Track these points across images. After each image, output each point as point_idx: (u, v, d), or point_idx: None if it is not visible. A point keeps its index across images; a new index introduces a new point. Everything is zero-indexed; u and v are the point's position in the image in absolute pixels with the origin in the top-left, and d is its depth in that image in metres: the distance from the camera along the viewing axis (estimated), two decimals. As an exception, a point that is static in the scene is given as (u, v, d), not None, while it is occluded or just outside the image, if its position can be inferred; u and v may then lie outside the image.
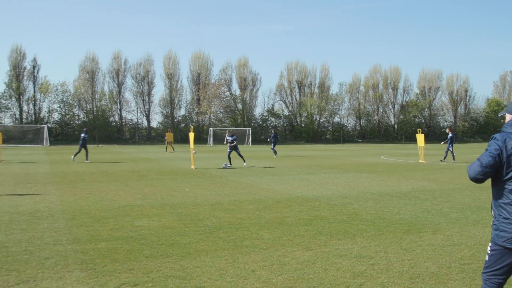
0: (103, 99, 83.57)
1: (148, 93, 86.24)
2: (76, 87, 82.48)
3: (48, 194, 13.76)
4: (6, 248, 7.41)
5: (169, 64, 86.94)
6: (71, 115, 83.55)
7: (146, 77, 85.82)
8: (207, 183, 16.93)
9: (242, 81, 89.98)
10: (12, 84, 79.22)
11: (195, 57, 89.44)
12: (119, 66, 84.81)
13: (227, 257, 6.94)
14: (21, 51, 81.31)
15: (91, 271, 6.26)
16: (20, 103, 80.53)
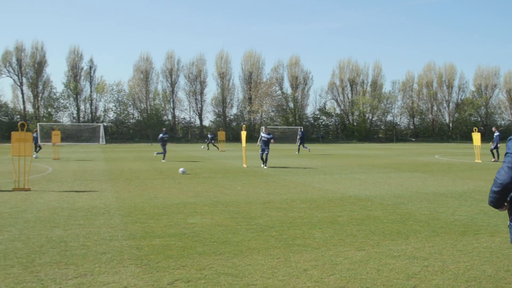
0: (156, 98, 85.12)
1: (201, 92, 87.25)
2: (130, 87, 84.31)
3: (104, 191, 14.11)
4: (65, 243, 7.65)
5: (221, 63, 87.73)
6: (126, 114, 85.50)
7: (199, 77, 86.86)
8: (258, 181, 17.00)
9: (294, 80, 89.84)
10: (70, 84, 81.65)
11: (246, 56, 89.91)
12: (172, 66, 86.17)
13: (279, 256, 6.95)
14: (78, 52, 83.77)
15: (146, 266, 6.39)
16: (78, 102, 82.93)
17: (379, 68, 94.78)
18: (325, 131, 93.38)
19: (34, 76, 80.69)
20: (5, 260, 6.65)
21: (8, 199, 12.36)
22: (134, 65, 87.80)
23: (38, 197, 12.79)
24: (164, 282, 5.75)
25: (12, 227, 8.90)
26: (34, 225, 9.11)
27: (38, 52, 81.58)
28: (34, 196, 13.06)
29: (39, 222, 9.35)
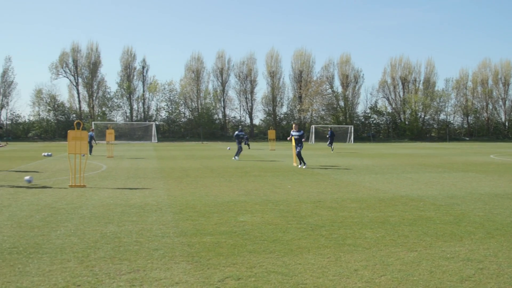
0: (207, 97, 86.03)
1: (251, 91, 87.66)
2: (182, 86, 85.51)
3: (156, 189, 14.35)
4: (119, 239, 7.83)
5: (271, 62, 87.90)
6: (177, 113, 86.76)
7: (249, 75, 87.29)
8: (309, 180, 16.95)
9: (344, 78, 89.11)
10: (124, 84, 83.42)
11: (297, 54, 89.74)
12: (223, 65, 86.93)
13: (329, 255, 6.92)
14: (131, 53, 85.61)
15: (197, 263, 6.47)
16: (131, 101, 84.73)
17: (431, 66, 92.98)
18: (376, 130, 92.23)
19: (89, 76, 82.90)
20: (62, 254, 6.86)
21: (65, 196, 12.74)
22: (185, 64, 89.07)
23: (93, 194, 13.13)
24: (215, 279, 5.82)
25: (69, 222, 9.18)
26: (89, 221, 9.36)
27: (93, 53, 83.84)
28: (89, 193, 13.42)
29: (94, 218, 9.60)
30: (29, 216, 9.76)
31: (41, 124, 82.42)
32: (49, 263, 6.44)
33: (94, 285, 5.59)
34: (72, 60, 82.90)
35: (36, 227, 8.75)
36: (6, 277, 5.84)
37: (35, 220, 9.40)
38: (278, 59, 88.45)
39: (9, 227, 8.70)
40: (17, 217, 9.71)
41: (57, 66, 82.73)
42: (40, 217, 9.66)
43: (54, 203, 11.45)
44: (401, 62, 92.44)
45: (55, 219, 9.52)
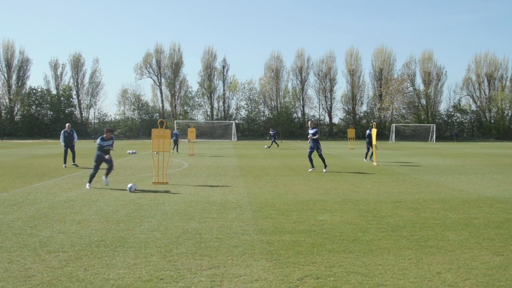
0: (286, 96, 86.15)
1: (330, 89, 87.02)
2: (261, 85, 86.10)
3: (236, 186, 14.55)
4: (200, 235, 8.01)
5: (351, 60, 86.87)
6: (256, 112, 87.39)
7: (328, 74, 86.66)
8: (389, 180, 16.65)
9: (426, 76, 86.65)
10: (204, 83, 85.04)
11: (377, 52, 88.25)
12: (302, 64, 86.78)
13: (411, 257, 6.78)
14: (212, 53, 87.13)
15: (276, 261, 6.52)
16: (211, 101, 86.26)
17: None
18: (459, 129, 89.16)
19: (171, 76, 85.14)
20: (145, 248, 7.11)
21: (149, 192, 13.16)
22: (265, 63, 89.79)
23: (175, 191, 13.49)
24: (294, 278, 5.84)
25: (152, 218, 9.48)
26: (171, 217, 9.63)
27: (175, 53, 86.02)
28: (172, 189, 13.79)
29: (176, 214, 9.87)
30: (115, 211, 10.17)
31: (126, 122, 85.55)
32: (134, 256, 6.69)
33: (176, 279, 5.75)
34: (156, 60, 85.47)
35: (122, 221, 9.11)
36: (94, 269, 6.12)
37: (120, 215, 9.79)
38: (358, 57, 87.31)
39: (97, 221, 9.11)
40: (104, 212, 10.14)
41: (142, 67, 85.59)
42: (125, 212, 10.04)
43: (139, 199, 11.86)
44: (487, 58, 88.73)
45: (139, 214, 9.87)
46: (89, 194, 12.67)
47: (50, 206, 10.83)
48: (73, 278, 5.77)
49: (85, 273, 5.97)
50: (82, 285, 5.52)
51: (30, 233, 8.11)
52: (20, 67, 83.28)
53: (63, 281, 5.65)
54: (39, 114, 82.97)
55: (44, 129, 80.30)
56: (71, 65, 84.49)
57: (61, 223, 8.91)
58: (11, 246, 7.20)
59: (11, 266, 6.22)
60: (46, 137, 74.92)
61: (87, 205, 11.00)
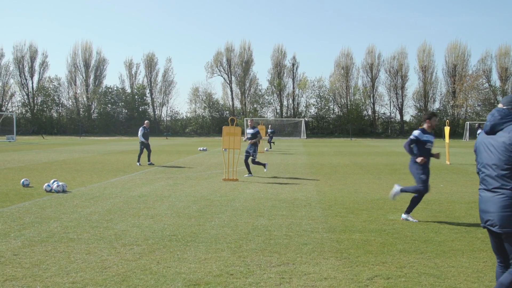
0: (356, 93, 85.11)
1: (402, 86, 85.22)
2: (331, 82, 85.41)
3: (305, 184, 14.52)
4: (269, 232, 8.06)
5: (423, 56, 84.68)
6: (326, 109, 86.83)
7: (400, 70, 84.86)
8: (463, 179, 16.15)
9: (503, 71, 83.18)
10: (274, 81, 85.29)
11: (450, 48, 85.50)
12: (372, 61, 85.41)
13: (486, 259, 6.56)
14: (282, 50, 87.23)
15: (345, 260, 6.47)
16: (281, 98, 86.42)
17: None
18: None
19: (241, 75, 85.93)
20: (216, 244, 7.22)
21: (219, 189, 13.36)
22: (334, 60, 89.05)
23: (245, 188, 13.62)
24: (364, 277, 5.78)
25: (222, 214, 9.62)
26: (241, 213, 9.73)
27: (245, 52, 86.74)
28: (241, 186, 13.93)
29: (245, 211, 9.97)
30: (187, 207, 10.39)
31: (197, 120, 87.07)
32: (205, 251, 6.81)
33: (246, 275, 5.81)
34: (226, 59, 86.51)
35: (193, 217, 9.29)
36: (167, 262, 6.28)
37: (192, 210, 9.98)
38: (431, 53, 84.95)
39: (169, 216, 9.33)
40: (176, 207, 10.38)
41: (212, 66, 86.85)
42: (196, 208, 10.24)
43: (209, 195, 12.06)
44: None
45: (210, 210, 10.03)
46: (162, 190, 13.00)
47: (124, 200, 11.19)
48: (146, 270, 5.94)
49: (157, 266, 6.13)
50: (155, 278, 5.68)
51: (106, 226, 8.42)
52: (97, 67, 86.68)
53: (137, 273, 5.83)
54: (114, 112, 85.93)
55: (119, 127, 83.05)
56: (145, 64, 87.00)
57: (135, 217, 9.20)
58: (89, 238, 7.50)
59: (89, 257, 6.47)
60: (121, 134, 77.42)
61: (160, 200, 11.29)
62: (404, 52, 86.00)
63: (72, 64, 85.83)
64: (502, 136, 4.34)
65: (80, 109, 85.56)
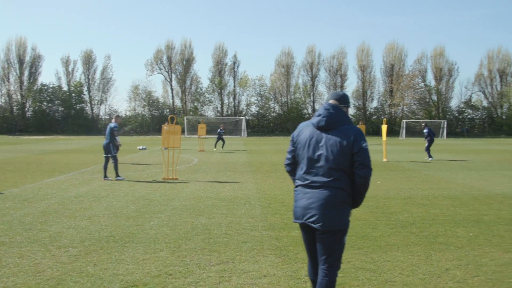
0: (297, 92, 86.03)
1: (341, 85, 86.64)
2: (272, 81, 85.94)
3: (245, 182, 14.56)
4: (209, 231, 8.04)
5: (362, 56, 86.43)
6: (267, 108, 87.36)
7: (339, 70, 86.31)
8: (399, 176, 16.59)
9: (438, 72, 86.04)
10: (215, 79, 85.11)
11: (388, 48, 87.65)
12: (313, 60, 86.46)
13: (420, 253, 6.77)
14: (223, 49, 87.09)
15: (285, 257, 6.53)
16: (222, 97, 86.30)
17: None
18: (470, 125, 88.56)
19: (182, 72, 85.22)
20: (155, 244, 7.14)
21: (158, 188, 13.21)
22: (275, 59, 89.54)
23: (185, 187, 13.53)
24: (303, 274, 5.85)
25: (161, 213, 9.53)
26: (180, 212, 9.67)
27: (186, 49, 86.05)
28: (181, 185, 13.84)
29: (185, 210, 9.91)
30: (125, 207, 10.23)
31: (137, 118, 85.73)
32: (143, 252, 6.72)
33: (184, 275, 5.78)
34: (167, 57, 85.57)
35: (131, 217, 9.15)
36: (104, 264, 6.16)
37: (130, 210, 9.84)
38: (369, 53, 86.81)
39: (107, 217, 9.16)
40: (114, 207, 10.20)
41: (152, 63, 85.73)
42: (135, 208, 10.09)
43: (148, 195, 11.91)
44: (499, 54, 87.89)
45: (149, 210, 9.91)
46: (99, 190, 12.74)
47: (60, 201, 10.90)
48: (82, 273, 5.81)
49: (94, 268, 6.01)
50: (91, 280, 5.56)
51: (41, 228, 8.18)
52: (32, 63, 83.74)
53: (72, 276, 5.70)
54: (50, 110, 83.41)
55: (55, 125, 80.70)
56: (83, 61, 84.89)
57: (71, 219, 8.98)
58: (22, 241, 7.27)
59: (22, 261, 6.27)
60: (57, 133, 75.31)
61: (97, 200, 11.06)
62: (344, 51, 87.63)
63: (5, 60, 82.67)
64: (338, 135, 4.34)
65: (13, 107, 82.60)
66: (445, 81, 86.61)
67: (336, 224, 4.30)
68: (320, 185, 4.31)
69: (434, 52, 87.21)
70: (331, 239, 4.34)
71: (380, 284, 5.52)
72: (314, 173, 4.35)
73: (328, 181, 4.29)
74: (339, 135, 4.32)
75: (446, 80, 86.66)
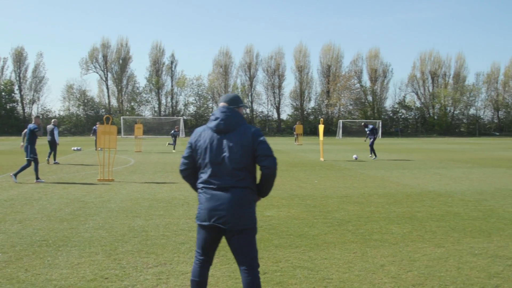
0: (235, 92, 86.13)
1: (279, 85, 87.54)
2: (210, 81, 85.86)
3: (183, 183, 14.40)
4: (146, 232, 7.92)
5: (299, 57, 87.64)
6: (205, 108, 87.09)
7: (277, 70, 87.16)
8: (336, 175, 16.88)
9: (373, 73, 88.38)
10: (152, 79, 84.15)
11: (325, 49, 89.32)
12: (251, 60, 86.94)
13: (356, 250, 6.90)
14: (160, 48, 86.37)
15: (223, 257, 6.51)
16: (159, 96, 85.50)
17: (462, 60, 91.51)
18: (404, 125, 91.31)
19: (118, 72, 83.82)
20: (90, 247, 6.97)
21: (94, 190, 12.92)
22: (213, 59, 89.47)
23: (121, 188, 13.29)
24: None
25: (97, 216, 9.31)
26: (117, 214, 9.48)
27: (122, 48, 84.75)
28: (117, 187, 13.58)
29: (122, 212, 9.72)
30: (59, 210, 9.94)
31: (71, 118, 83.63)
32: (78, 256, 6.55)
33: (121, 278, 5.66)
34: (102, 55, 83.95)
35: (65, 220, 8.90)
36: (36, 269, 5.96)
37: (64, 213, 9.56)
38: (307, 54, 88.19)
39: (39, 220, 8.87)
40: (47, 210, 9.89)
41: (87, 62, 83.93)
42: (69, 211, 9.82)
43: (83, 197, 11.63)
44: (431, 56, 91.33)
45: (84, 212, 9.67)
46: (31, 193, 12.33)
47: (-10, 205, 10.48)
48: (13, 279, 5.60)
49: (26, 274, 5.80)
50: (23, 287, 5.36)
51: (-32, 233, 7.83)
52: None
53: (2, 283, 5.48)
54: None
55: (-17, 125, 77.71)
56: (13, 59, 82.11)
57: (1, 223, 8.63)
58: None
59: None
60: (-13, 134, 72.51)
61: (29, 203, 10.70)
62: (281, 52, 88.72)
63: None
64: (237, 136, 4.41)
65: None
66: (380, 82, 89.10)
67: (247, 223, 4.41)
68: (227, 187, 4.36)
69: (369, 53, 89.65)
70: (243, 238, 4.43)
71: (318, 282, 5.59)
72: (220, 175, 4.38)
73: (234, 181, 4.37)
74: (239, 136, 4.40)
75: (381, 81, 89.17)
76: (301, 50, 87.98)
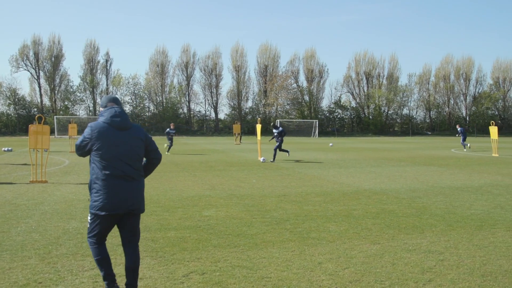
0: (172, 91, 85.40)
1: (216, 85, 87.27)
2: (147, 80, 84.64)
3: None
4: (81, 235, 7.70)
5: (236, 57, 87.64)
6: (141, 107, 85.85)
7: (214, 70, 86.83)
8: (274, 174, 17.00)
9: (309, 73, 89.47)
10: (87, 77, 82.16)
11: (262, 49, 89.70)
12: (188, 59, 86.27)
13: (294, 249, 6.96)
14: (94, 46, 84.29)
15: (161, 258, 6.44)
16: (94, 95, 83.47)
17: (395, 61, 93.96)
18: (340, 125, 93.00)
19: (51, 70, 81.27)
20: (22, 251, 6.74)
21: (26, 192, 12.50)
22: (150, 58, 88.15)
23: (55, 190, 12.92)
24: (179, 274, 5.79)
25: (30, 218, 9.01)
26: (51, 217, 9.21)
27: (55, 45, 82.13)
28: (51, 188, 13.20)
29: (56, 214, 9.45)
30: (-11, 213, 9.56)
31: (1, 118, 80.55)
32: (10, 260, 6.32)
33: (56, 282, 5.50)
34: (33, 53, 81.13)
35: (-4, 223, 8.57)
36: (-36, 275, 5.70)
37: (-6, 216, 9.21)
38: (243, 54, 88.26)
39: (-32, 224, 8.50)
40: (-24, 213, 9.49)
41: (17, 59, 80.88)
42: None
43: (15, 199, 11.22)
44: (365, 57, 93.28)
45: (15, 215, 9.34)
46: (-41, 195, 11.81)
47: None
48: None
49: (-47, 280, 5.55)
50: (-51, 293, 5.13)
51: None
52: None
53: None
54: None
55: None
56: None
57: None
58: None
59: None
60: None
61: (-43, 206, 10.24)
62: (219, 52, 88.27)
63: None
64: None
65: None
66: (316, 82, 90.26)
67: (143, 207, 5.25)
68: (131, 177, 5.02)
69: (306, 54, 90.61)
70: (137, 221, 5.28)
71: (257, 281, 5.61)
72: (124, 168, 4.98)
73: (135, 172, 5.07)
74: (135, 132, 5.16)
75: (317, 81, 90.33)
76: (238, 49, 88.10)
